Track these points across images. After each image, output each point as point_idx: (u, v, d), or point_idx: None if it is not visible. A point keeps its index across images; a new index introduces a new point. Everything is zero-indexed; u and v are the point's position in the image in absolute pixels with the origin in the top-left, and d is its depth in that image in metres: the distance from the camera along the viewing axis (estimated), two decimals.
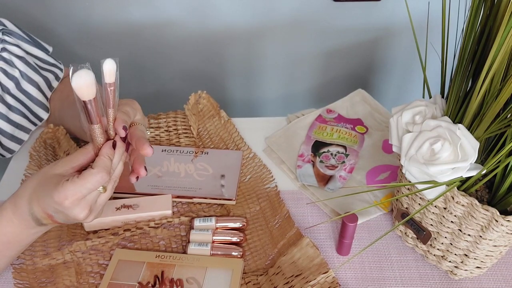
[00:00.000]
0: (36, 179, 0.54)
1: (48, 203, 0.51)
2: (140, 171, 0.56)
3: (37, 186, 0.53)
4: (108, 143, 0.52)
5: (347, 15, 1.17)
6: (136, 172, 0.57)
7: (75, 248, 0.64)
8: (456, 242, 0.57)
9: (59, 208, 0.51)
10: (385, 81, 1.36)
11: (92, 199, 0.53)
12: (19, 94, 0.72)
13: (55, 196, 0.50)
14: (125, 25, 1.17)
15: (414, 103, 0.59)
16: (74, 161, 0.53)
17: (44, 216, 0.53)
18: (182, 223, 0.68)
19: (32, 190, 0.53)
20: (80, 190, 0.50)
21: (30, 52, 0.74)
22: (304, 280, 0.59)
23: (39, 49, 0.76)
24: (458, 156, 0.52)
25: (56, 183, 0.51)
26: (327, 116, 0.86)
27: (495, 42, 0.46)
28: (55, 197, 0.50)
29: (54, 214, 0.53)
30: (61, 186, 0.50)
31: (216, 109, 0.85)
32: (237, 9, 1.15)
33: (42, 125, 0.79)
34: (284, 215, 0.69)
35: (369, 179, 0.75)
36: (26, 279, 0.61)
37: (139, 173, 0.56)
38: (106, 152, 0.52)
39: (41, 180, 0.53)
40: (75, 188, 0.50)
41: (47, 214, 0.53)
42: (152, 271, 0.61)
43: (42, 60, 0.76)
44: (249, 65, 1.28)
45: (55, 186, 0.50)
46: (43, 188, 0.52)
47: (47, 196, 0.51)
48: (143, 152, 0.54)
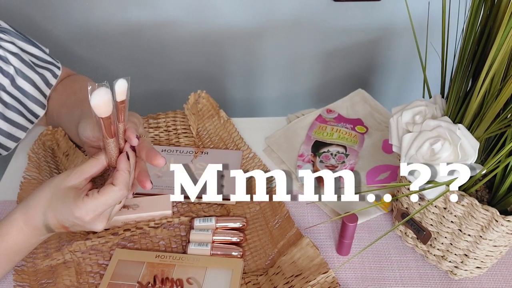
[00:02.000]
0: (49, 191, 0.54)
1: (66, 217, 0.53)
2: (146, 184, 0.56)
3: (52, 199, 0.54)
4: (124, 157, 0.54)
5: (347, 15, 1.17)
6: (142, 185, 0.57)
7: (75, 248, 0.64)
8: (456, 242, 0.57)
9: (79, 223, 0.53)
10: (385, 81, 1.36)
11: (109, 211, 0.55)
12: (15, 91, 0.71)
13: (75, 212, 0.51)
14: (125, 25, 1.16)
15: (414, 103, 0.59)
16: (87, 172, 0.54)
17: (59, 227, 0.55)
18: (182, 223, 0.68)
19: (47, 203, 0.54)
20: (101, 206, 0.52)
21: (25, 50, 0.74)
22: (304, 280, 0.59)
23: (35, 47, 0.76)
24: (458, 156, 0.52)
25: (74, 198, 0.52)
26: (327, 116, 0.86)
27: (495, 42, 0.46)
28: (76, 213, 0.52)
29: (71, 226, 0.54)
30: (81, 202, 0.51)
31: (215, 108, 0.85)
32: (237, 9, 1.15)
33: (39, 123, 0.78)
34: (284, 215, 0.69)
35: (369, 179, 0.75)
36: (26, 281, 0.61)
37: (144, 186, 0.56)
38: (125, 167, 0.53)
39: (55, 192, 0.54)
40: (96, 204, 0.52)
41: (63, 226, 0.54)
42: (152, 271, 0.61)
43: (38, 58, 0.76)
44: (249, 65, 1.28)
45: (74, 201, 0.52)
46: (61, 202, 0.53)
47: (66, 210, 0.52)
48: (156, 162, 0.54)
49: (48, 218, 0.54)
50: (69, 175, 0.54)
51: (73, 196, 0.52)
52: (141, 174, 0.57)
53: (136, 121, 0.58)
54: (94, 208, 0.52)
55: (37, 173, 0.73)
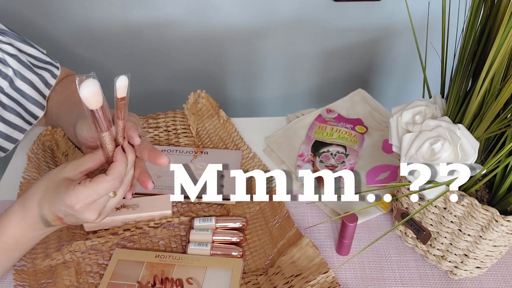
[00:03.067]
0: (45, 182, 0.54)
1: (59, 207, 0.52)
2: (147, 184, 0.56)
3: (47, 190, 0.53)
4: (119, 150, 0.53)
5: (347, 15, 1.17)
6: (144, 186, 0.57)
7: (74, 248, 0.64)
8: (456, 242, 0.57)
9: (70, 212, 0.52)
10: (385, 81, 1.36)
11: (102, 203, 0.53)
12: (13, 93, 0.71)
13: (66, 200, 0.51)
14: (125, 25, 1.16)
15: (414, 103, 0.59)
16: (83, 166, 0.54)
17: (54, 218, 0.54)
18: (182, 223, 0.68)
19: (42, 194, 0.54)
20: (91, 195, 0.51)
21: (23, 51, 0.74)
22: (304, 280, 0.59)
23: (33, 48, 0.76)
24: (458, 156, 0.52)
25: (66, 187, 0.51)
26: (327, 116, 0.85)
27: (495, 42, 0.46)
28: (66, 201, 0.51)
29: (64, 217, 0.53)
30: (72, 189, 0.51)
31: (215, 108, 0.85)
32: (237, 9, 1.15)
33: (38, 123, 0.78)
34: (283, 215, 0.69)
35: (369, 179, 0.75)
36: (26, 281, 0.61)
37: (146, 186, 0.56)
38: (121, 158, 0.52)
39: (50, 183, 0.54)
40: (87, 193, 0.51)
41: (57, 217, 0.54)
42: (151, 271, 0.61)
43: (36, 58, 0.76)
44: (249, 65, 1.28)
45: (66, 189, 0.51)
46: (54, 192, 0.53)
47: (58, 199, 0.52)
48: (160, 161, 0.54)
49: (44, 209, 0.53)
50: (65, 167, 0.54)
51: (66, 186, 0.52)
52: (142, 175, 0.57)
53: (135, 121, 0.58)
54: (85, 197, 0.51)
55: (36, 173, 0.73)
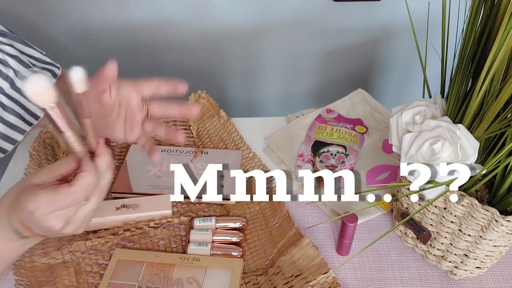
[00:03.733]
0: (15, 190, 0.50)
1: (21, 213, 0.47)
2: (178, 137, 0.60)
3: (15, 196, 0.49)
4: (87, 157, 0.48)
5: (347, 15, 1.17)
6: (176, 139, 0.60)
7: (74, 248, 0.64)
8: (456, 242, 0.57)
9: (32, 219, 0.47)
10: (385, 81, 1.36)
11: (69, 212, 0.48)
12: (14, 94, 0.71)
13: (26, 205, 0.46)
14: (125, 25, 1.16)
15: (414, 103, 0.59)
16: (56, 170, 0.48)
17: (23, 229, 0.49)
18: (181, 223, 0.68)
19: (10, 201, 0.49)
20: (51, 205, 0.46)
21: (24, 52, 0.74)
22: (304, 280, 0.59)
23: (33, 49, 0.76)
24: (458, 156, 0.52)
25: (30, 192, 0.46)
26: (327, 116, 0.85)
27: (495, 42, 0.46)
28: (26, 207, 0.46)
29: (32, 226, 0.48)
30: (34, 195, 0.46)
31: (215, 108, 0.85)
32: (237, 9, 1.15)
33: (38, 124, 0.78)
34: (283, 215, 0.69)
35: (369, 179, 0.75)
36: (24, 276, 0.62)
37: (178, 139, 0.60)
38: (88, 168, 0.47)
39: (20, 189, 0.49)
40: (49, 200, 0.46)
41: (25, 226, 0.49)
42: (151, 271, 0.61)
43: (37, 59, 0.76)
44: (249, 65, 1.28)
45: (29, 195, 0.46)
46: (19, 198, 0.48)
47: (20, 205, 0.47)
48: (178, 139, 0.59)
49: (12, 217, 0.49)
50: (37, 173, 0.49)
51: (30, 191, 0.46)
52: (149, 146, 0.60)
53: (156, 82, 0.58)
54: (47, 204, 0.45)
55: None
